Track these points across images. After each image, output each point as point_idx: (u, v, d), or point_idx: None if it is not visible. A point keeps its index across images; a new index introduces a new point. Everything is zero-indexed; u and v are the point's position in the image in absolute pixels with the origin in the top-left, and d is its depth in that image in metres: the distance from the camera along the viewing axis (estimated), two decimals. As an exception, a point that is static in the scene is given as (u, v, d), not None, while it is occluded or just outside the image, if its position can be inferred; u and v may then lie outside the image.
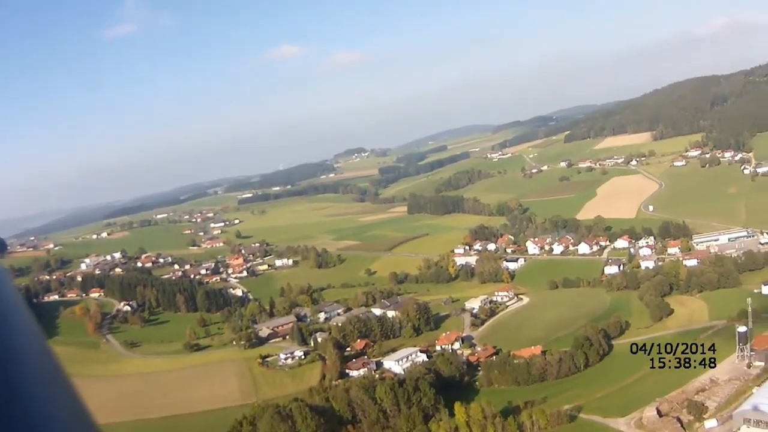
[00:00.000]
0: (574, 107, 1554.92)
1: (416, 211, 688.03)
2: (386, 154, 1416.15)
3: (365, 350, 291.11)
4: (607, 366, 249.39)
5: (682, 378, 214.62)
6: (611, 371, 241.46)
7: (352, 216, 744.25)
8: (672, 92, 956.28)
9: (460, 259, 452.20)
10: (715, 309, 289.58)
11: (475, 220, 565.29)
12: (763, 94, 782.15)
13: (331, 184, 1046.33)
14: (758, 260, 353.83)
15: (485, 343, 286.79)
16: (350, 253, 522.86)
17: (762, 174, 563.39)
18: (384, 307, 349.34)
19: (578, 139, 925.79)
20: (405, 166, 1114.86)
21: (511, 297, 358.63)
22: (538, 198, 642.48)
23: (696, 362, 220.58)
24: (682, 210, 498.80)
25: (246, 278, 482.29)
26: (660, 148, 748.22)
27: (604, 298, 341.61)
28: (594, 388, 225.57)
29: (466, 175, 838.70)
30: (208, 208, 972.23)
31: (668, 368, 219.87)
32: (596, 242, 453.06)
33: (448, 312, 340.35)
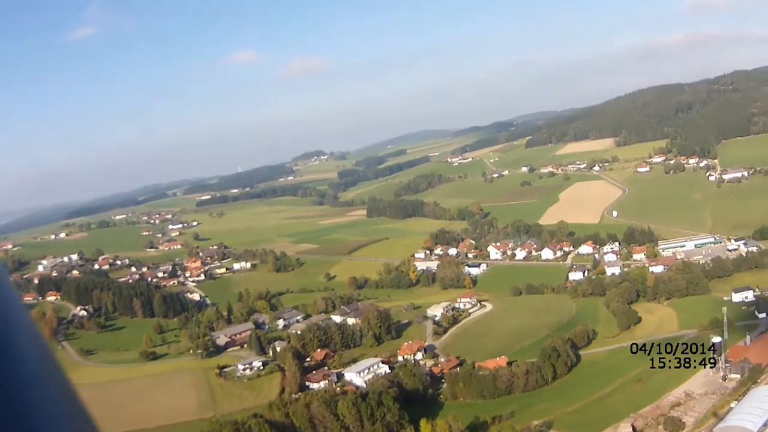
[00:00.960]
0: (534, 113, 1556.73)
1: (376, 214, 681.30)
2: (345, 157, 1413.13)
3: (325, 361, 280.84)
4: (577, 378, 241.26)
5: (656, 391, 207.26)
6: (581, 384, 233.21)
7: (311, 219, 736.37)
8: (635, 99, 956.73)
9: (421, 264, 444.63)
10: (685, 317, 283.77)
11: (435, 225, 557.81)
12: (728, 102, 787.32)
13: (289, 186, 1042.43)
14: (726, 267, 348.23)
15: (448, 353, 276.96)
16: (309, 257, 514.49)
17: (728, 181, 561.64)
18: (344, 313, 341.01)
19: (539, 145, 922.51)
20: (364, 169, 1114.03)
21: (473, 304, 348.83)
22: (500, 203, 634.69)
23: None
24: (646, 216, 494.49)
25: (204, 282, 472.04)
26: (623, 154, 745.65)
27: (569, 305, 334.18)
28: (564, 402, 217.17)
29: (425, 179, 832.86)
30: (166, 209, 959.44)
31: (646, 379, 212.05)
32: (560, 248, 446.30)
33: (410, 319, 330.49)
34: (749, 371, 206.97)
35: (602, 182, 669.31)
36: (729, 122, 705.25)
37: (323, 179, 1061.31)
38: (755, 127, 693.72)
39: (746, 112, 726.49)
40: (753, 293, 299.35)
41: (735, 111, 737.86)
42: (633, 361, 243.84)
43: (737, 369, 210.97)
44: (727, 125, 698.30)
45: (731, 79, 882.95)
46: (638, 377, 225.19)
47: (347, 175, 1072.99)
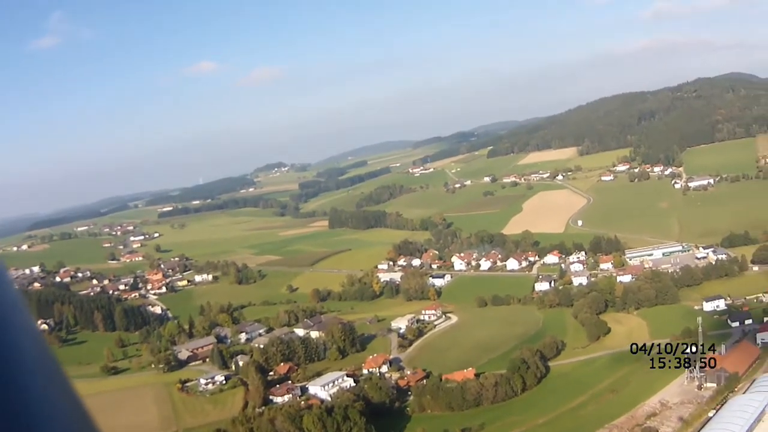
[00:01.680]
0: (495, 123, 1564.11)
1: (338, 225, 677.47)
2: (306, 169, 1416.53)
3: (289, 374, 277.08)
4: (547, 389, 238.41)
5: (630, 401, 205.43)
6: (551, 395, 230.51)
7: (272, 230, 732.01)
8: (598, 108, 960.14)
9: (384, 276, 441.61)
10: (656, 327, 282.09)
11: (398, 236, 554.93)
12: (692, 109, 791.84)
13: (251, 198, 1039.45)
14: (696, 275, 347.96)
15: (414, 366, 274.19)
16: (271, 269, 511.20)
17: (694, 188, 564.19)
18: (307, 326, 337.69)
19: (502, 155, 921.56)
20: (325, 180, 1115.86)
21: (438, 316, 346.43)
22: (463, 213, 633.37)
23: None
24: (612, 225, 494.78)
25: (165, 294, 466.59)
26: (586, 163, 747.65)
27: (536, 316, 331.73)
28: (535, 413, 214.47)
29: (387, 190, 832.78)
30: (128, 221, 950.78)
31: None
32: (525, 258, 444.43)
33: (374, 332, 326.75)
34: (725, 380, 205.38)
35: (566, 191, 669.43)
36: (693, 130, 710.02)
37: (284, 190, 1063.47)
38: (720, 134, 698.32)
39: (710, 119, 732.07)
40: (724, 302, 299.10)
41: (699, 118, 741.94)
42: (604, 371, 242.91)
43: (713, 378, 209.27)
44: (691, 133, 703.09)
45: (694, 87, 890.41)
46: (611, 387, 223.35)
47: (308, 186, 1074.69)
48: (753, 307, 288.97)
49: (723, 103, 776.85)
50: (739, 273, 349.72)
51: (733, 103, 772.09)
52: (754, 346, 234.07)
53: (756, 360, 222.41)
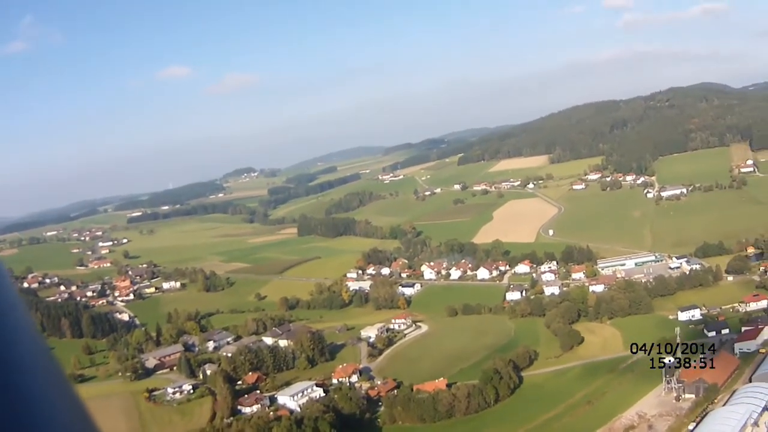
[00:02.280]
0: (466, 130, 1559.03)
1: (307, 233, 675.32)
2: (276, 174, 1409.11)
3: (258, 384, 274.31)
4: (520, 400, 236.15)
5: (607, 413, 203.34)
6: (526, 406, 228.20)
7: (241, 237, 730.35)
8: (570, 116, 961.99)
9: (354, 284, 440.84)
10: (630, 337, 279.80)
11: (367, 243, 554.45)
12: (664, 118, 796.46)
13: (220, 204, 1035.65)
14: (670, 285, 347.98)
15: (385, 376, 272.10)
16: (239, 276, 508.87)
17: (666, 198, 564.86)
18: (275, 335, 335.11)
19: (472, 162, 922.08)
20: (295, 187, 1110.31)
21: (409, 325, 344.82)
22: (433, 221, 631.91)
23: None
24: (584, 234, 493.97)
25: (133, 301, 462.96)
26: (558, 171, 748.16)
27: (507, 326, 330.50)
28: (509, 425, 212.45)
29: (357, 196, 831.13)
30: (97, 226, 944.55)
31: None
32: (496, 267, 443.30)
33: (344, 341, 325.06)
34: (705, 391, 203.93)
35: (537, 200, 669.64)
36: (666, 139, 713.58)
37: (254, 196, 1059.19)
38: (693, 143, 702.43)
39: (683, 128, 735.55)
40: (699, 312, 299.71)
41: (672, 127, 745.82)
42: (579, 382, 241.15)
43: (692, 389, 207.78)
44: (664, 142, 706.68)
45: (667, 96, 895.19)
46: (586, 398, 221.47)
47: (278, 192, 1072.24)
48: (729, 317, 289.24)
49: (696, 112, 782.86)
50: (713, 283, 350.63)
51: (707, 112, 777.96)
52: (732, 356, 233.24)
53: (735, 370, 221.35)
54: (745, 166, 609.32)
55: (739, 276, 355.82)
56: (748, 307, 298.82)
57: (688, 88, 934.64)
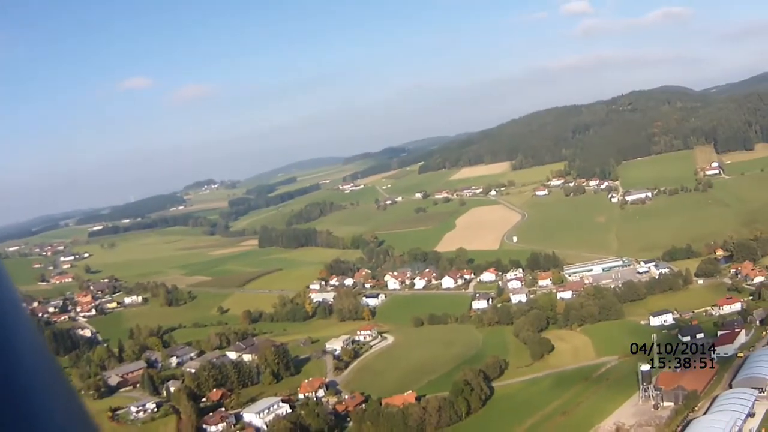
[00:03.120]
0: (426, 138, 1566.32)
1: (268, 244, 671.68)
2: (236, 186, 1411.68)
3: (222, 401, 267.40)
4: (493, 412, 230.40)
5: (583, 424, 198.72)
6: (498, 418, 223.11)
7: (202, 250, 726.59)
8: (531, 122, 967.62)
9: (317, 296, 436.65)
10: (601, 344, 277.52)
11: (329, 254, 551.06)
12: (627, 122, 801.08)
13: (181, 216, 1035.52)
14: (639, 290, 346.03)
15: (352, 390, 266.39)
16: (201, 290, 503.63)
17: (631, 202, 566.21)
18: (239, 349, 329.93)
19: (433, 170, 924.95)
20: (255, 198, 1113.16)
21: (374, 336, 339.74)
22: (395, 230, 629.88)
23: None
24: (548, 240, 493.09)
25: (95, 317, 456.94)
26: (520, 177, 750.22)
27: (475, 335, 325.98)
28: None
29: (317, 207, 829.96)
30: (59, 240, 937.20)
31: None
32: (460, 275, 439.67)
33: (309, 354, 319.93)
34: (684, 398, 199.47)
35: (500, 207, 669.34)
36: (629, 143, 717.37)
37: (214, 208, 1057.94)
38: (656, 146, 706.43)
39: (647, 131, 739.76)
40: (672, 316, 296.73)
41: (635, 131, 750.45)
42: (552, 391, 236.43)
43: (670, 396, 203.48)
44: (627, 146, 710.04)
45: (629, 99, 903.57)
46: (561, 409, 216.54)
47: (238, 203, 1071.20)
48: (702, 321, 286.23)
49: (659, 116, 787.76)
50: (683, 287, 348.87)
51: (670, 115, 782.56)
52: (711, 361, 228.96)
53: (714, 376, 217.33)
54: (710, 169, 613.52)
55: (710, 279, 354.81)
56: (721, 311, 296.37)
57: (651, 91, 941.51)
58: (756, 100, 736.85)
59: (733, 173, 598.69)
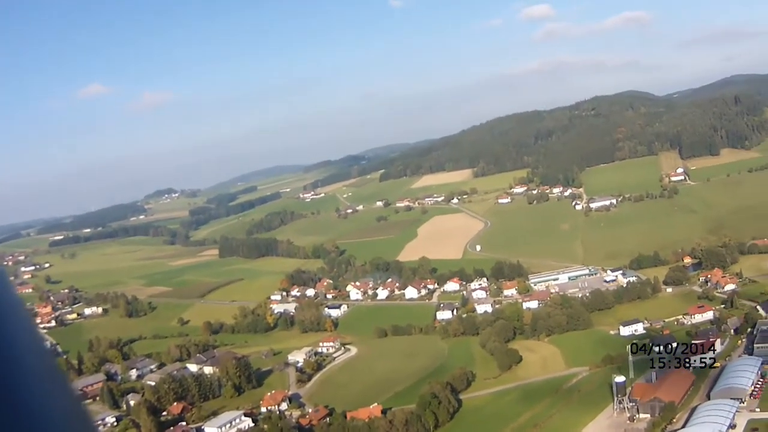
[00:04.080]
0: (386, 146, 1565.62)
1: (228, 254, 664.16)
2: (196, 195, 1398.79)
3: (183, 415, 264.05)
4: (461, 426, 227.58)
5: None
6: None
7: (162, 260, 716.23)
8: (492, 128, 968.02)
9: (278, 307, 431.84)
10: (571, 354, 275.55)
11: (290, 264, 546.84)
12: (590, 127, 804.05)
13: (141, 226, 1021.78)
14: (607, 299, 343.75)
15: (316, 403, 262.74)
16: (162, 300, 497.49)
17: (595, 209, 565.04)
18: (200, 362, 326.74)
19: (394, 178, 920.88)
20: (215, 207, 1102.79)
21: (337, 348, 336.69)
22: (356, 239, 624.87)
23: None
24: (512, 249, 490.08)
25: (54, 328, 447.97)
26: (482, 185, 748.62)
27: (440, 346, 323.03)
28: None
29: (278, 216, 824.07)
30: (20, 250, 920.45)
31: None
32: (424, 285, 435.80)
33: (271, 366, 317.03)
34: (661, 410, 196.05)
35: (462, 215, 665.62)
36: (593, 149, 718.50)
37: (175, 218, 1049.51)
38: (620, 152, 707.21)
39: (610, 137, 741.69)
40: (642, 326, 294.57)
41: (599, 137, 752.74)
42: (522, 403, 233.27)
43: (646, 408, 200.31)
44: (590, 152, 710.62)
45: (592, 105, 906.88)
46: (532, 421, 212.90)
47: (198, 213, 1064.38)
48: (674, 330, 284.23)
49: (623, 121, 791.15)
50: (652, 295, 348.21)
51: (633, 120, 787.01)
52: (687, 371, 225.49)
53: (691, 387, 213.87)
54: (675, 175, 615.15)
55: (679, 287, 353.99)
56: (693, 320, 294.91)
57: (613, 96, 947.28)
58: (722, 105, 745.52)
59: (698, 179, 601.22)
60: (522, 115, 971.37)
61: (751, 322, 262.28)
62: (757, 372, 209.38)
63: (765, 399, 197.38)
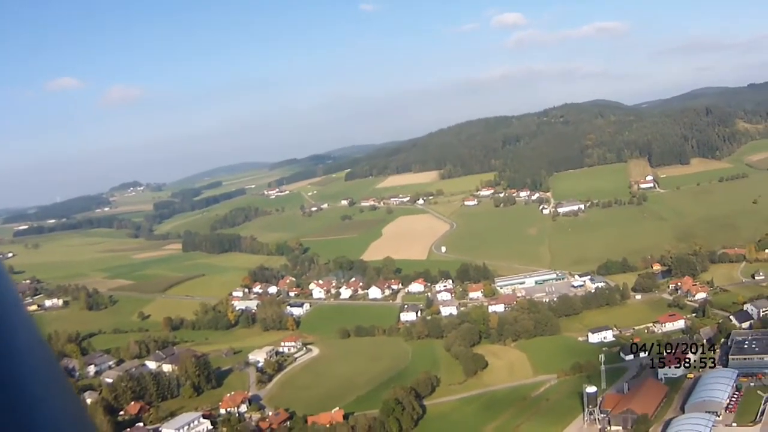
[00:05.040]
0: (352, 146, 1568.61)
1: (191, 249, 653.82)
2: (161, 188, 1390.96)
3: (141, 415, 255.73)
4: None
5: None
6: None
7: (125, 253, 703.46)
8: (460, 131, 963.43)
9: (240, 304, 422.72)
10: (538, 361, 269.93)
11: (253, 261, 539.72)
12: (559, 134, 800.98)
13: (105, 218, 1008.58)
14: (575, 305, 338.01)
15: (276, 405, 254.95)
16: (123, 294, 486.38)
17: (563, 214, 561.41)
18: (159, 359, 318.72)
19: (360, 178, 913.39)
20: (180, 201, 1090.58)
21: (299, 348, 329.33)
22: (320, 237, 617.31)
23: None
24: (478, 251, 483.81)
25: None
26: (449, 187, 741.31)
27: (404, 349, 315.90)
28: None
29: (242, 212, 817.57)
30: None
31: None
32: (388, 286, 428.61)
33: (231, 366, 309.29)
34: (633, 422, 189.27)
35: (428, 216, 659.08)
36: (562, 154, 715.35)
37: (139, 211, 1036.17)
38: (589, 159, 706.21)
39: (579, 144, 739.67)
40: (612, 333, 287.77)
41: (567, 143, 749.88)
42: (488, 411, 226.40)
43: (618, 420, 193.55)
44: (559, 157, 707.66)
45: (561, 112, 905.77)
46: (499, 431, 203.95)
47: (163, 206, 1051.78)
48: (645, 339, 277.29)
49: (592, 128, 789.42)
50: (621, 302, 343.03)
51: (603, 128, 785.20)
52: (659, 382, 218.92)
53: (664, 398, 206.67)
54: (644, 182, 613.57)
55: (648, 294, 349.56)
56: (664, 328, 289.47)
57: (583, 104, 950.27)
58: (693, 116, 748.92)
59: (668, 187, 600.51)
60: (490, 120, 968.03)
61: (725, 333, 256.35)
62: (733, 385, 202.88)
63: (742, 413, 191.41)
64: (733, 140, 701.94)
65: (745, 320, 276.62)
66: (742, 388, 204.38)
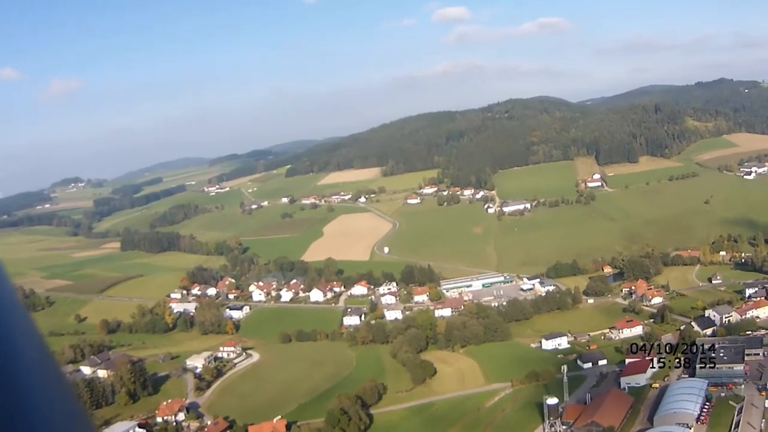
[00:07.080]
0: (293, 142, 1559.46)
1: (130, 247, 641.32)
2: (103, 185, 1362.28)
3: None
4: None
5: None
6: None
7: (64, 251, 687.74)
8: (402, 127, 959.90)
9: (178, 306, 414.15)
10: (490, 368, 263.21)
11: (192, 260, 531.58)
12: (504, 130, 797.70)
13: (46, 215, 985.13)
14: (525, 309, 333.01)
15: (215, 414, 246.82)
16: (60, 295, 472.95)
17: (509, 213, 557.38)
18: (94, 364, 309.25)
19: (301, 174, 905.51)
20: (120, 198, 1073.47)
21: (238, 353, 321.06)
22: (260, 236, 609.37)
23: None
24: (422, 252, 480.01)
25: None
26: (391, 184, 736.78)
27: (348, 355, 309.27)
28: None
29: (182, 209, 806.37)
30: None
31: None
32: (330, 288, 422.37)
33: (168, 372, 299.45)
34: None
35: (370, 215, 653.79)
36: (506, 151, 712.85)
37: (80, 207, 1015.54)
38: (535, 156, 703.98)
39: (525, 140, 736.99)
40: (566, 340, 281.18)
41: (512, 139, 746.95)
42: (440, 422, 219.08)
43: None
44: (504, 154, 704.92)
45: (506, 107, 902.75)
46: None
47: (103, 203, 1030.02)
48: (602, 346, 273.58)
49: (537, 125, 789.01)
50: (573, 306, 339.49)
51: (549, 124, 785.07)
52: (623, 393, 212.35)
53: (630, 410, 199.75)
54: (592, 181, 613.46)
55: (600, 298, 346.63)
56: (621, 334, 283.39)
57: (528, 100, 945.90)
58: (641, 113, 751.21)
59: (616, 186, 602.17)
60: (433, 115, 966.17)
61: (688, 340, 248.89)
62: (703, 395, 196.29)
63: (714, 425, 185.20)
64: (683, 138, 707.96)
65: (708, 327, 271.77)
66: (713, 399, 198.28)
